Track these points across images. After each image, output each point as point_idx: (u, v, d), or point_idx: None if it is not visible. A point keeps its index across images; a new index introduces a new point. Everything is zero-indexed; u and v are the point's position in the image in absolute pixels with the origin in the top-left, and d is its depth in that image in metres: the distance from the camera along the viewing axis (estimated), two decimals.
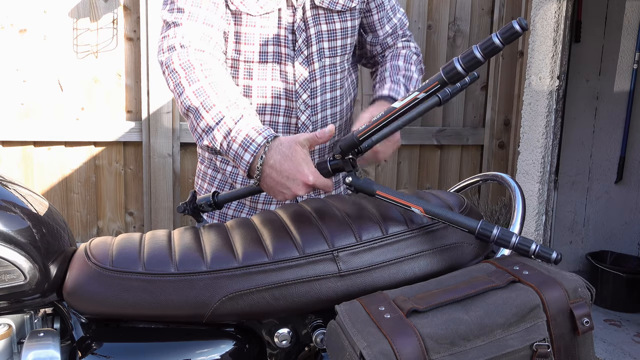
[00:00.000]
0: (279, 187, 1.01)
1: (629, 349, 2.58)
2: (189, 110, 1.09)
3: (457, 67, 0.85)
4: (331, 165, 1.02)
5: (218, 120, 1.05)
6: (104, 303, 0.89)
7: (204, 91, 1.08)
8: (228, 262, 0.90)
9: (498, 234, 0.89)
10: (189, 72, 1.11)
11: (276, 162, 1.00)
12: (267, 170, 1.01)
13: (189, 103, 1.09)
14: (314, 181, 0.99)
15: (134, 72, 2.85)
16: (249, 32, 1.26)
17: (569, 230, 3.24)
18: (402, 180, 3.37)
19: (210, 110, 1.06)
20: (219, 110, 1.06)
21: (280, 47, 1.28)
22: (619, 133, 3.15)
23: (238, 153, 1.03)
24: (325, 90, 1.34)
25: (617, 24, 3.08)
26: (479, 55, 0.83)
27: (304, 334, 0.96)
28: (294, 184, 0.99)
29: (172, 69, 1.13)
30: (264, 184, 1.03)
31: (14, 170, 2.75)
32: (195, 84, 1.09)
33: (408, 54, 1.40)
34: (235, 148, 1.04)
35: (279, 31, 1.27)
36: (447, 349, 0.75)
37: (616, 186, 3.21)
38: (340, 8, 1.30)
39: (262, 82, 1.30)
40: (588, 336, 0.83)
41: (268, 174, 1.01)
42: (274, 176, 1.01)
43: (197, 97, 1.08)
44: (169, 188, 2.91)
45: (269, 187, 1.03)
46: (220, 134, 1.05)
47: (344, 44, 1.34)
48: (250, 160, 1.02)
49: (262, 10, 1.24)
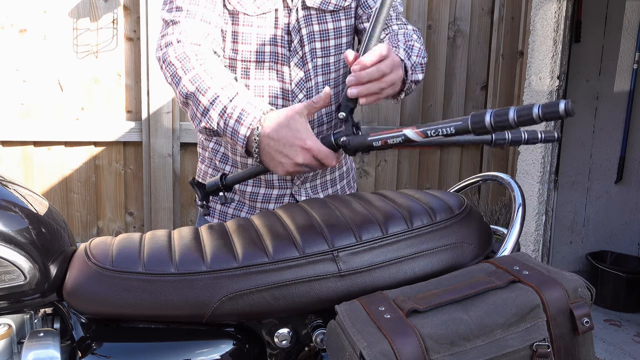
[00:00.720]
0: (278, 157, 0.98)
1: (629, 349, 2.58)
2: (188, 98, 1.09)
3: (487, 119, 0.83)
4: (335, 137, 0.99)
5: (213, 100, 1.04)
6: (104, 303, 0.89)
7: (199, 77, 1.08)
8: (228, 262, 0.90)
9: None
10: (185, 62, 1.10)
11: (273, 131, 0.97)
12: (264, 140, 0.98)
13: (186, 91, 1.08)
14: (312, 145, 0.96)
15: (134, 72, 2.85)
16: (245, 31, 1.27)
17: (569, 230, 3.24)
18: (402, 180, 3.37)
19: (205, 93, 1.05)
20: (214, 92, 1.05)
21: (277, 47, 1.28)
22: (619, 133, 3.15)
23: (235, 129, 1.01)
24: (320, 90, 1.34)
25: (617, 24, 3.08)
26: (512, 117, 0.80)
27: (304, 334, 0.96)
28: (292, 150, 0.97)
29: (168, 62, 1.13)
30: (263, 156, 1.00)
31: (14, 170, 2.75)
32: (191, 72, 1.09)
33: (407, 33, 1.35)
34: (232, 124, 1.02)
35: (275, 31, 1.27)
36: (447, 349, 0.75)
37: (616, 186, 3.21)
38: (332, 8, 1.30)
39: (259, 82, 1.30)
40: (588, 336, 0.83)
41: (266, 144, 0.98)
42: (272, 145, 0.98)
43: (193, 83, 1.07)
44: (169, 188, 2.91)
45: (268, 158, 1.00)
46: (216, 113, 1.03)
47: (338, 43, 1.34)
48: (246, 133, 1.00)
49: (259, 10, 1.25)
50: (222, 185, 1.09)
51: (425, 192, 1.06)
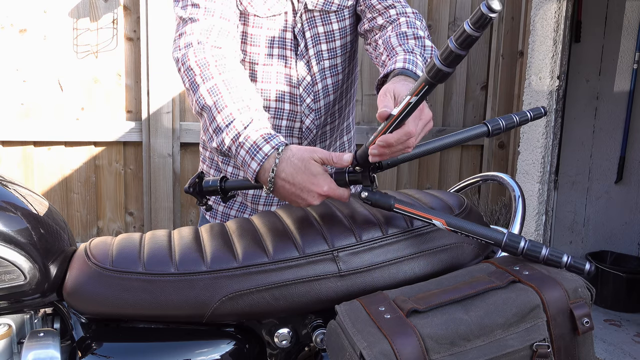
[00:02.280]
0: (293, 197, 0.98)
1: (629, 349, 2.58)
2: (203, 110, 1.06)
3: (437, 63, 0.79)
4: (349, 177, 0.98)
5: (228, 123, 1.02)
6: (104, 303, 0.89)
7: (217, 89, 1.05)
8: (228, 262, 0.90)
9: (527, 246, 0.86)
10: (204, 69, 1.07)
11: (288, 175, 0.96)
12: (279, 182, 0.97)
13: (203, 102, 1.06)
14: (329, 191, 0.95)
15: (134, 72, 2.85)
16: (255, 33, 1.26)
17: (569, 230, 3.24)
18: (402, 180, 3.37)
19: (222, 111, 1.03)
20: (230, 112, 1.02)
21: (286, 50, 1.27)
22: (619, 133, 3.15)
23: (245, 160, 1.00)
24: (328, 93, 1.33)
25: (617, 24, 3.08)
26: (453, 47, 0.76)
27: (304, 334, 0.96)
28: (309, 195, 0.96)
29: (187, 66, 1.10)
30: (277, 194, 1.00)
31: (14, 170, 2.75)
32: (210, 81, 1.06)
33: (411, 22, 1.25)
34: (243, 155, 1.00)
35: (284, 34, 1.26)
36: (447, 349, 0.75)
37: (616, 186, 3.21)
38: (335, 8, 1.29)
39: (267, 85, 1.29)
40: (588, 336, 0.83)
41: (281, 185, 0.97)
42: (287, 187, 0.97)
43: (211, 95, 1.05)
44: (169, 188, 2.91)
45: (282, 197, 1.00)
46: (229, 138, 1.01)
47: (343, 43, 1.33)
48: (256, 169, 0.98)
49: (270, 12, 1.24)
50: (220, 188, 1.10)
51: (425, 192, 1.06)
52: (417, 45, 1.19)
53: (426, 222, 0.90)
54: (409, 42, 1.19)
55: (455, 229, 0.88)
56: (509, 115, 1.01)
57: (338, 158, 0.96)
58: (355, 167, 0.96)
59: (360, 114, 3.23)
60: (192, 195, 1.11)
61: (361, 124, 3.23)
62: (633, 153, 3.16)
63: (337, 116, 1.40)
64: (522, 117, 1.01)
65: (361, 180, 0.96)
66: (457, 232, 0.88)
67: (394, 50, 1.18)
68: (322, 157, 0.96)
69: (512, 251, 0.87)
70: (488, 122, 1.00)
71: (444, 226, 0.88)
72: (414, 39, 1.20)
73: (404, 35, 1.21)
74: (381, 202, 0.93)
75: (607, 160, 3.20)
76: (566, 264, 0.84)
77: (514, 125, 1.02)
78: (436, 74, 0.80)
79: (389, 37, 1.22)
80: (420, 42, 1.20)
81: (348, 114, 1.47)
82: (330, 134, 1.41)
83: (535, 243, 0.86)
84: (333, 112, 1.38)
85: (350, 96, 1.45)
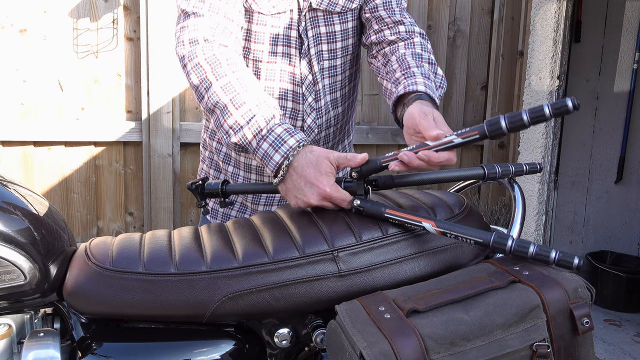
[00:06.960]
0: (294, 191, 0.99)
1: (629, 349, 2.58)
2: (216, 106, 1.06)
3: (502, 123, 0.88)
4: (345, 185, 1.00)
5: (249, 119, 1.03)
6: (104, 303, 0.89)
7: (232, 87, 1.05)
8: (228, 262, 0.90)
9: (514, 245, 0.87)
10: (215, 67, 1.07)
11: (299, 166, 0.98)
12: (290, 170, 1.00)
13: (217, 99, 1.06)
14: (330, 192, 0.96)
15: (134, 72, 2.85)
16: (259, 30, 1.26)
17: (569, 230, 3.24)
18: None
19: (240, 108, 1.04)
20: (249, 108, 1.03)
21: (290, 48, 1.27)
22: (619, 133, 3.15)
23: (268, 152, 1.01)
24: (326, 93, 1.34)
25: (617, 24, 3.08)
26: (526, 119, 0.87)
27: (304, 334, 0.96)
28: (310, 191, 0.97)
29: (195, 63, 1.09)
30: (282, 186, 1.02)
31: (14, 170, 2.75)
32: (223, 78, 1.06)
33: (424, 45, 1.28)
34: (265, 147, 1.02)
35: (289, 32, 1.26)
36: (447, 349, 0.75)
37: (616, 186, 3.21)
38: (339, 9, 1.29)
39: (270, 83, 1.29)
40: (588, 336, 0.83)
41: (290, 174, 1.00)
42: (293, 178, 0.99)
43: (226, 93, 1.05)
44: (169, 188, 2.91)
45: (286, 188, 1.01)
46: (251, 132, 1.03)
47: (344, 45, 1.33)
48: (279, 160, 1.00)
49: (274, 10, 1.24)
50: (222, 191, 1.10)
51: (425, 192, 1.06)
52: (431, 70, 1.22)
53: (416, 225, 0.91)
54: (424, 65, 1.22)
55: (445, 230, 0.89)
56: (505, 164, 1.05)
57: (352, 157, 0.99)
58: (352, 173, 0.99)
59: (360, 114, 3.23)
60: (192, 192, 1.11)
61: (361, 124, 3.23)
62: (633, 153, 3.16)
63: (340, 118, 1.40)
64: (518, 169, 1.06)
65: (356, 190, 0.99)
66: (445, 234, 0.90)
67: (410, 70, 1.20)
68: (337, 157, 0.99)
69: (500, 250, 0.88)
70: (485, 166, 1.04)
71: (433, 227, 0.90)
72: (428, 64, 1.23)
73: (419, 57, 1.24)
74: (372, 210, 0.95)
75: (607, 160, 3.20)
76: (554, 260, 0.85)
77: (509, 174, 1.05)
78: (495, 132, 0.90)
79: (404, 54, 1.24)
80: (433, 68, 1.24)
81: (349, 117, 1.47)
82: (333, 137, 1.41)
83: (524, 241, 0.87)
84: (336, 114, 1.38)
85: (352, 100, 1.46)
